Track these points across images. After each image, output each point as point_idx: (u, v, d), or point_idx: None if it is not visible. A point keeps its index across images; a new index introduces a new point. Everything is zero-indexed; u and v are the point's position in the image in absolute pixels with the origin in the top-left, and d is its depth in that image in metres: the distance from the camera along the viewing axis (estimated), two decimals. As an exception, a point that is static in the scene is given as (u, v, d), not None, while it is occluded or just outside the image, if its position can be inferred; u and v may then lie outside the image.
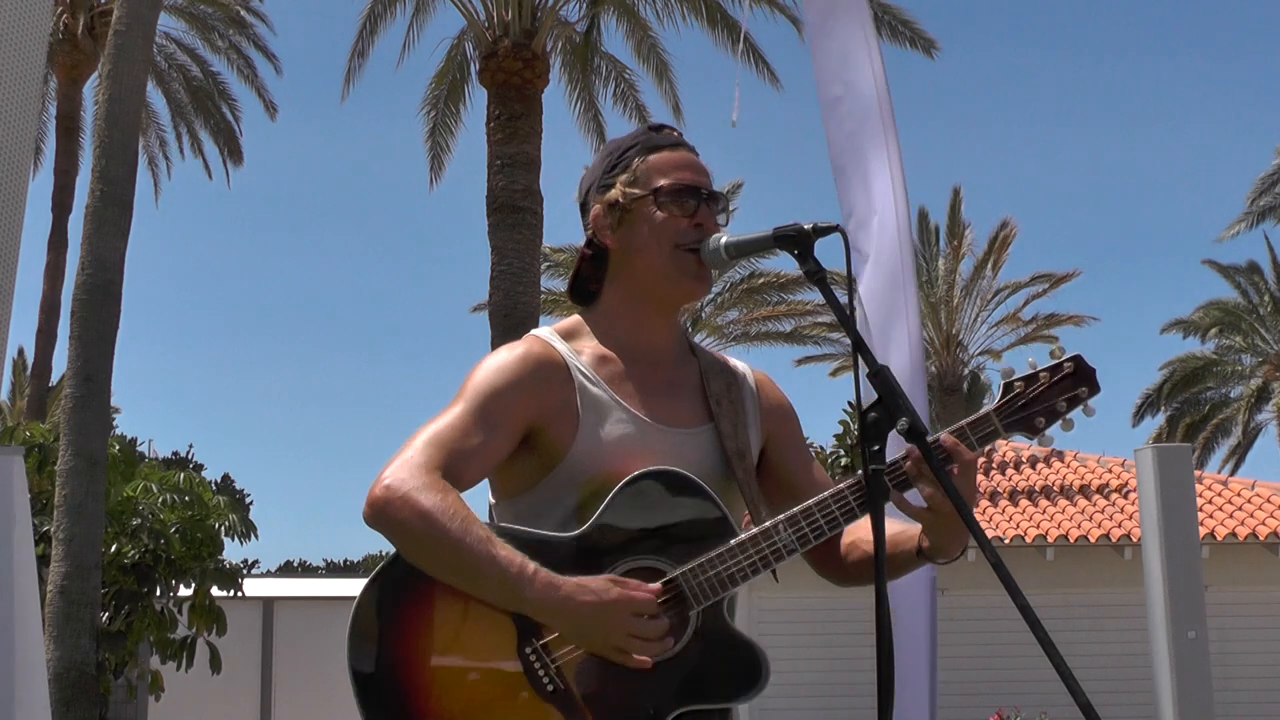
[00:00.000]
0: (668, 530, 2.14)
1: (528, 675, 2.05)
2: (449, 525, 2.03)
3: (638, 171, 2.32)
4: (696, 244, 2.29)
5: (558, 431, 2.21)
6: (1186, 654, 7.37)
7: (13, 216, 4.30)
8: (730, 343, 27.73)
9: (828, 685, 15.41)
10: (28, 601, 4.67)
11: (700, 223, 2.30)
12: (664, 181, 2.31)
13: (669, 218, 2.29)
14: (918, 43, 16.79)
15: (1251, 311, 31.75)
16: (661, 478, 2.16)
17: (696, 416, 2.32)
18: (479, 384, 2.21)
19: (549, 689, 2.05)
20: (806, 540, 2.16)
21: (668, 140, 2.37)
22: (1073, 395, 2.22)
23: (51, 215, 23.09)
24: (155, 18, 14.09)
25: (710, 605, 2.12)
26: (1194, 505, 7.77)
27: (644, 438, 2.24)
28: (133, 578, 14.91)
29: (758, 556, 2.14)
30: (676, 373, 2.37)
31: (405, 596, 2.08)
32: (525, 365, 2.24)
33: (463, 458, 2.13)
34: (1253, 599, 15.46)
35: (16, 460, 4.79)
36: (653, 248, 2.29)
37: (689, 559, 2.12)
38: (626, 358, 2.31)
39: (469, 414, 2.17)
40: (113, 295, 12.84)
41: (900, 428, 2.03)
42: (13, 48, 4.29)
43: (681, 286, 2.31)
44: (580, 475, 2.20)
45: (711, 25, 17.75)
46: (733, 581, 2.12)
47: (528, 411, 2.20)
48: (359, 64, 18.06)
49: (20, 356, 30.93)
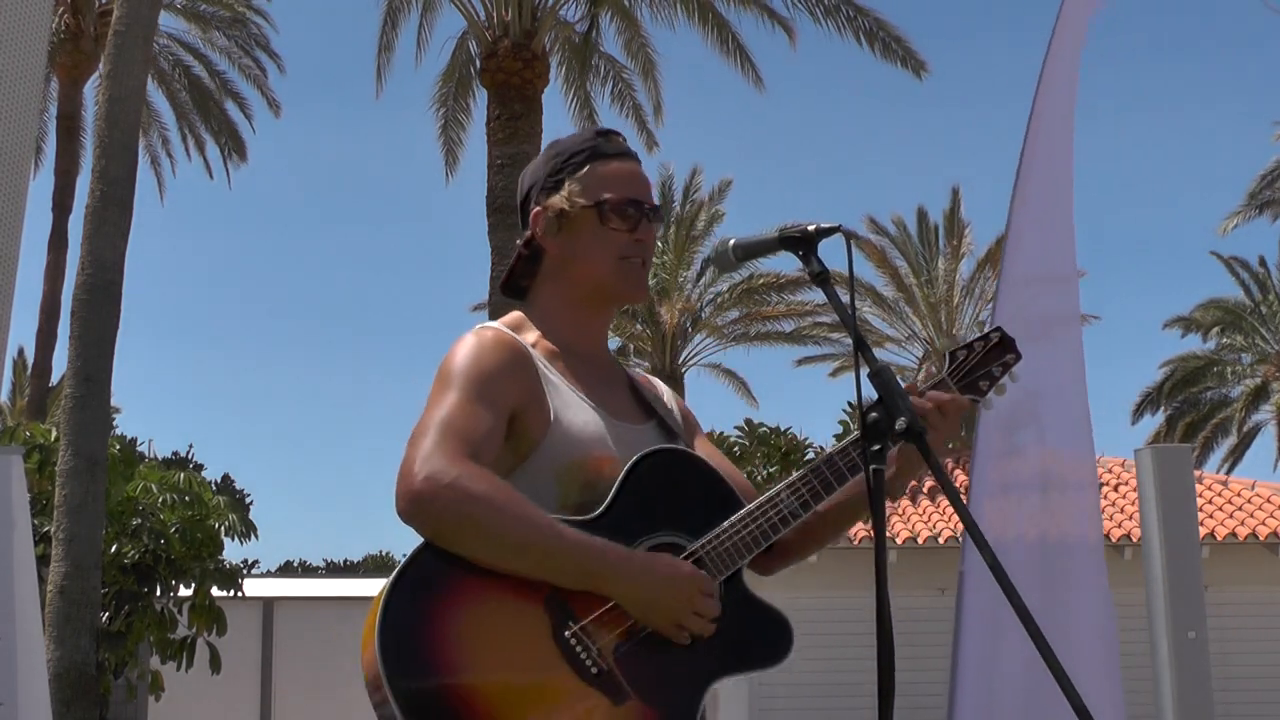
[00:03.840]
0: (682, 506, 2.20)
1: (569, 660, 2.05)
2: (511, 508, 2.05)
3: (584, 179, 2.34)
4: (638, 258, 2.35)
5: (532, 419, 2.23)
6: (1186, 654, 7.36)
7: (13, 216, 4.31)
8: (730, 343, 27.74)
9: (828, 685, 15.41)
10: (28, 601, 4.68)
11: (641, 238, 2.35)
12: (610, 195, 2.33)
13: (612, 230, 2.33)
14: (908, 63, 16.86)
15: (1253, 310, 31.76)
16: (667, 457, 2.24)
17: (640, 413, 2.40)
18: (468, 370, 2.22)
19: (593, 672, 2.06)
20: (808, 504, 2.26)
21: (615, 149, 2.39)
22: (1003, 361, 2.43)
23: (51, 215, 23.12)
24: (155, 17, 14.09)
25: (731, 575, 2.18)
26: (1194, 505, 7.75)
27: (608, 430, 2.29)
28: (133, 578, 14.92)
29: (767, 523, 2.22)
30: (611, 371, 2.44)
31: (433, 593, 2.04)
32: (503, 351, 2.26)
33: (480, 444, 2.13)
34: (1253, 599, 15.48)
35: (16, 460, 4.80)
36: (595, 257, 2.33)
37: (704, 533, 2.19)
38: (569, 353, 2.35)
39: (470, 400, 2.17)
40: (113, 295, 12.84)
41: (899, 427, 2.05)
42: (13, 47, 4.29)
43: (621, 294, 2.38)
44: (554, 464, 2.22)
45: (703, 24, 17.80)
46: (747, 549, 2.20)
47: (514, 396, 2.23)
48: (386, 60, 18.16)
49: (20, 356, 30.94)
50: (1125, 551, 15.34)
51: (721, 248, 2.31)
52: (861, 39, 16.77)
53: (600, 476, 2.22)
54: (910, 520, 16.63)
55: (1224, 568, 14.88)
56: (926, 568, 14.81)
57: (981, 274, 28.35)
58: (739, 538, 2.20)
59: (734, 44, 18.16)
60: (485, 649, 2.03)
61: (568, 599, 2.08)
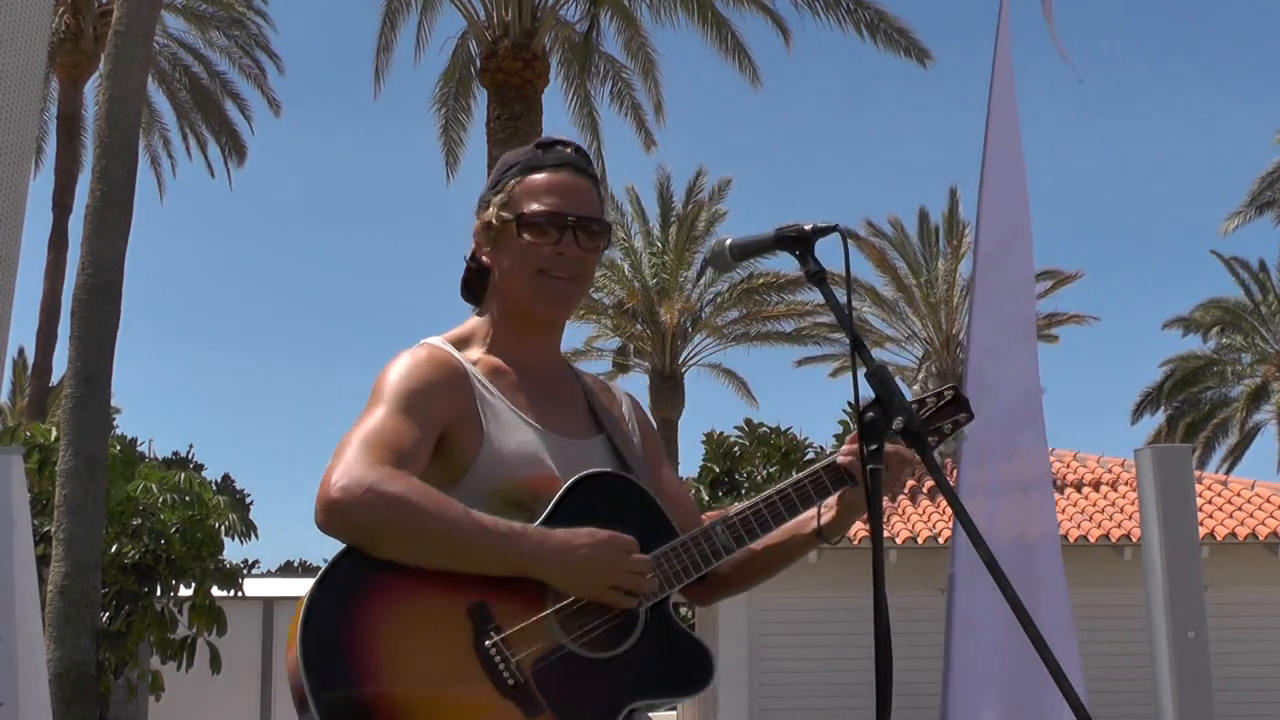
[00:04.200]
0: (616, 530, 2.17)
1: (487, 670, 2.05)
2: (427, 505, 2.05)
3: (512, 193, 2.33)
4: (558, 273, 2.31)
5: (464, 439, 2.22)
6: (1186, 654, 7.36)
7: (13, 216, 4.31)
8: (730, 343, 27.75)
9: (828, 685, 15.41)
10: (28, 601, 4.68)
11: (562, 251, 2.30)
12: (529, 208, 2.31)
13: (531, 244, 2.30)
14: (912, 52, 16.84)
15: (1253, 310, 31.74)
16: (605, 480, 2.23)
17: (587, 428, 2.38)
18: (397, 386, 2.21)
19: (509, 683, 2.05)
20: (742, 539, 2.26)
21: (551, 160, 2.35)
22: (954, 419, 2.45)
23: (51, 215, 23.12)
24: (155, 17, 14.10)
25: (657, 603, 2.17)
26: (1194, 505, 7.74)
27: (544, 446, 2.27)
28: (133, 578, 14.92)
29: (699, 554, 2.23)
30: (562, 386, 2.41)
31: (355, 599, 2.05)
32: (436, 368, 2.25)
33: (402, 457, 2.13)
34: (1253, 599, 15.47)
35: (16, 460, 4.79)
36: (514, 271, 2.32)
37: None
38: (515, 368, 2.34)
39: (397, 415, 2.17)
40: (113, 295, 12.84)
41: (896, 426, 2.05)
42: (13, 47, 4.29)
43: (538, 309, 2.34)
44: (486, 484, 2.21)
45: (702, 23, 17.81)
46: (676, 579, 2.20)
47: (444, 414, 2.22)
48: (385, 60, 18.18)
49: (20, 356, 30.94)
50: (1125, 551, 15.33)
51: (718, 248, 2.31)
52: (863, 31, 16.76)
53: (533, 496, 2.21)
54: (910, 520, 16.63)
55: (1224, 568, 14.87)
56: (926, 568, 14.80)
57: (982, 274, 28.31)
58: (669, 567, 2.19)
59: (733, 43, 18.19)
60: (404, 657, 2.03)
61: (492, 609, 2.08)
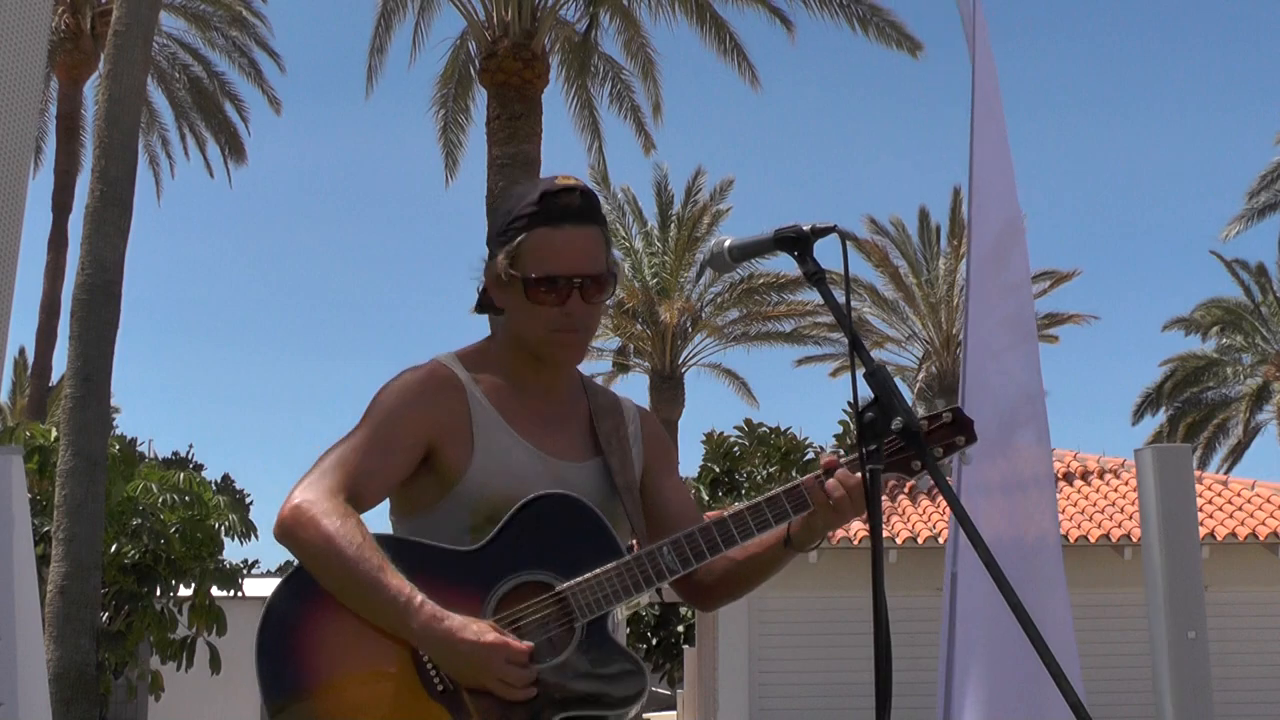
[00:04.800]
0: (560, 548, 2.26)
1: (419, 675, 2.17)
2: (346, 550, 2.16)
3: (519, 248, 2.34)
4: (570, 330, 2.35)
5: (454, 455, 2.32)
6: (1186, 654, 7.36)
7: (13, 216, 4.30)
8: (730, 343, 27.75)
9: (828, 685, 15.41)
10: (28, 601, 4.68)
11: (571, 311, 2.34)
12: (536, 272, 2.33)
13: (538, 306, 2.34)
14: (903, 44, 17.06)
15: (1253, 310, 31.73)
16: (556, 500, 2.29)
17: (585, 450, 2.44)
18: (381, 407, 2.32)
19: (439, 689, 2.16)
20: (688, 561, 2.30)
21: (557, 212, 2.34)
22: (950, 442, 2.40)
23: (51, 215, 23.14)
24: (155, 17, 14.11)
25: (595, 619, 2.24)
26: (1194, 506, 7.74)
27: (534, 466, 2.36)
28: (133, 578, 14.92)
29: (641, 575, 2.28)
30: (567, 408, 2.47)
31: (311, 596, 2.20)
32: (425, 387, 2.35)
33: (363, 479, 2.26)
34: (1253, 599, 15.47)
35: (16, 460, 4.79)
36: (526, 326, 2.37)
37: (577, 575, 2.25)
38: (520, 389, 2.42)
39: (370, 437, 2.29)
40: (113, 295, 12.85)
41: (895, 426, 2.05)
42: (13, 47, 4.29)
43: (553, 361, 2.41)
44: (473, 499, 2.31)
45: (701, 24, 17.84)
46: (616, 597, 2.26)
47: (425, 432, 2.31)
48: (379, 61, 18.17)
49: (20, 356, 30.95)
50: (1125, 551, 15.34)
51: (717, 249, 2.32)
52: (855, 24, 16.94)
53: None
54: (910, 520, 16.63)
55: (1224, 568, 14.87)
56: (926, 568, 14.81)
57: (982, 274, 28.31)
58: (611, 585, 2.25)
59: (731, 43, 18.20)
60: (346, 648, 2.18)
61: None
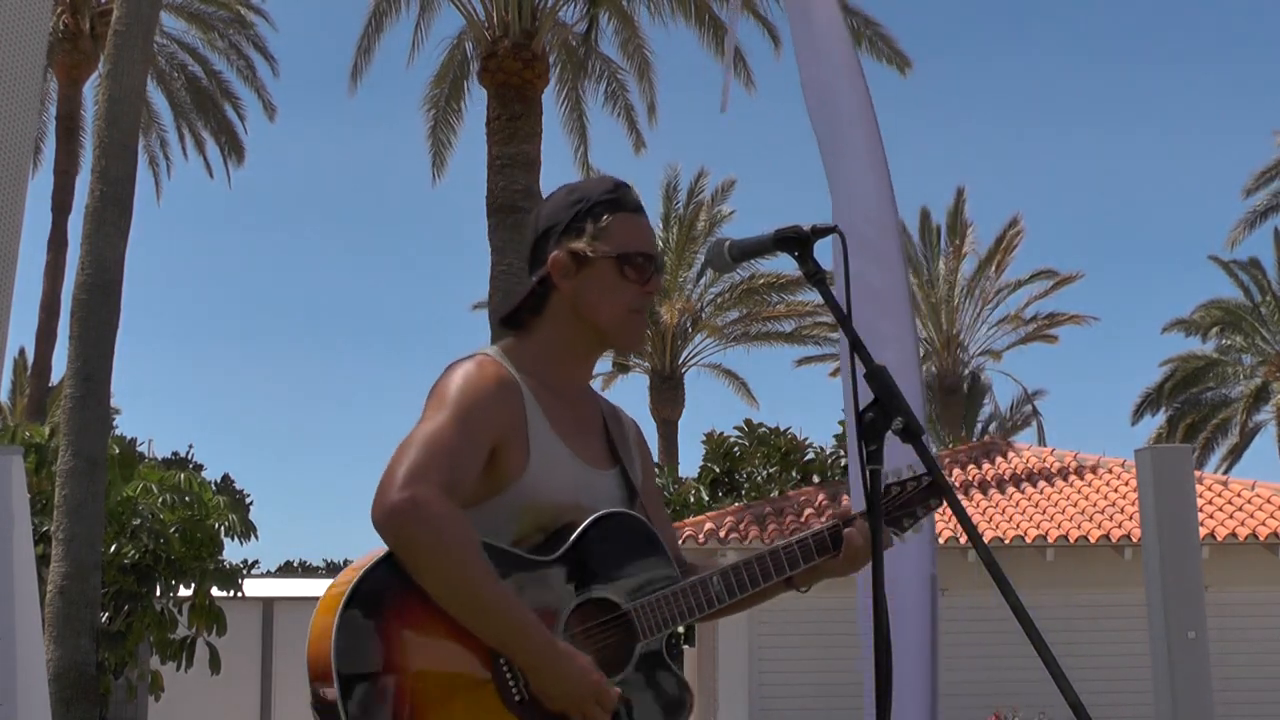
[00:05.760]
0: (623, 567, 2.34)
1: (497, 683, 2.17)
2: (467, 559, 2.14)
3: (607, 228, 2.41)
4: (642, 308, 2.47)
5: (511, 458, 2.33)
6: (1186, 654, 7.37)
7: (13, 216, 4.30)
8: (730, 343, 27.76)
9: (827, 685, 15.40)
10: (27, 601, 4.68)
11: (649, 290, 2.45)
12: (630, 249, 2.42)
13: (628, 282, 2.42)
14: (893, 60, 17.25)
15: (1252, 311, 31.73)
16: (621, 519, 2.37)
17: (608, 458, 2.50)
18: (464, 399, 2.30)
19: (516, 699, 2.18)
20: (733, 591, 2.41)
21: (632, 203, 2.47)
22: (927, 504, 2.60)
23: (51, 215, 23.11)
24: (155, 17, 14.11)
25: (652, 640, 2.32)
26: (1194, 506, 7.77)
27: (577, 475, 2.40)
28: (133, 578, 14.91)
29: (695, 601, 2.38)
30: (587, 411, 2.53)
31: (390, 600, 2.17)
32: (500, 387, 2.35)
33: (461, 472, 2.23)
34: (1253, 599, 15.46)
35: (16, 460, 4.79)
36: (606, 307, 2.42)
37: (638, 596, 2.34)
38: (556, 393, 2.44)
39: (462, 428, 2.26)
40: (113, 295, 12.85)
41: (895, 427, 2.05)
42: (13, 47, 4.29)
43: (623, 344, 2.49)
44: (522, 504, 2.33)
45: (699, 25, 17.84)
46: (674, 620, 2.35)
47: (496, 433, 2.31)
48: (364, 61, 18.14)
49: (20, 356, 30.93)
50: (1125, 551, 15.34)
51: (717, 248, 2.33)
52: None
53: (557, 521, 2.34)
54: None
55: (1224, 568, 14.86)
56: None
57: (982, 274, 28.36)
58: (671, 609, 2.35)
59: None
60: (425, 663, 2.16)
61: None
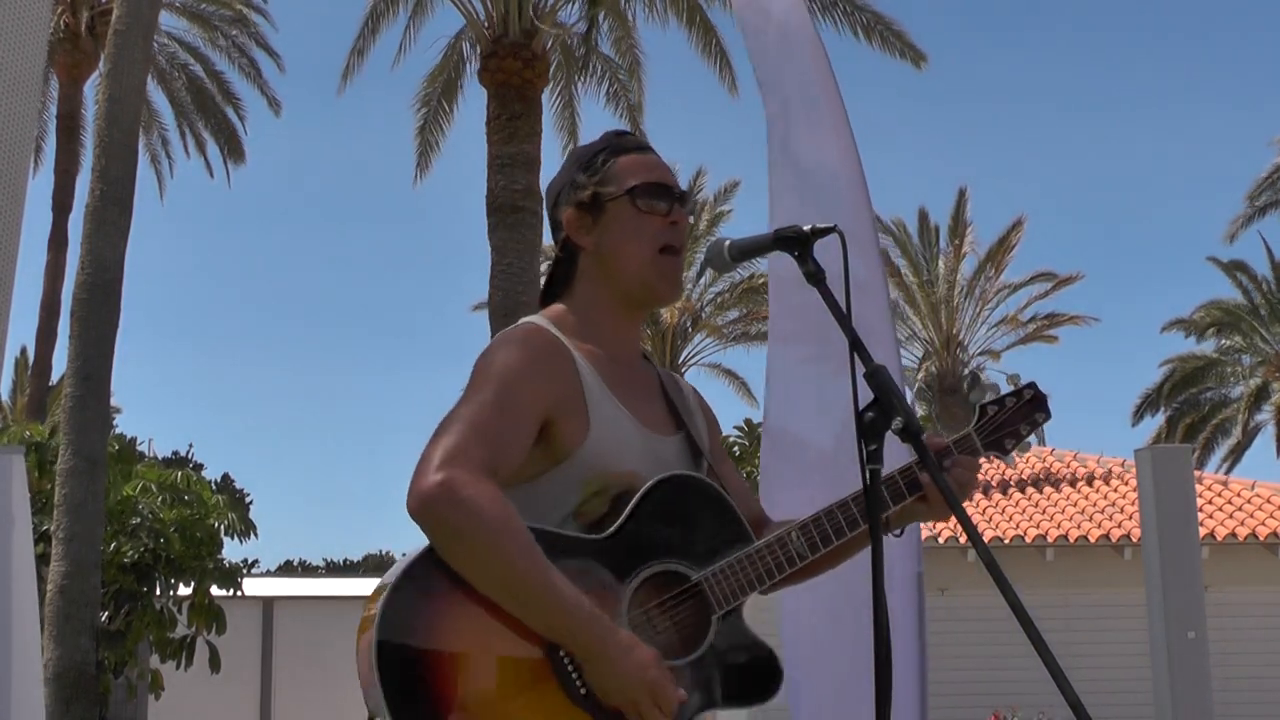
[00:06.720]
0: (689, 536, 2.18)
1: (559, 677, 2.04)
2: (512, 544, 2.00)
3: (609, 172, 2.33)
4: (676, 245, 2.32)
5: (569, 427, 2.19)
6: (1186, 654, 7.37)
7: (13, 216, 4.30)
8: (730, 343, 27.75)
9: (827, 685, 15.38)
10: (26, 601, 4.67)
11: (675, 220, 2.32)
12: (638, 180, 2.31)
13: (646, 216, 2.30)
14: (906, 54, 17.08)
15: (1252, 311, 31.71)
16: (681, 483, 2.21)
17: (669, 423, 2.37)
18: (505, 373, 2.16)
19: (581, 692, 2.04)
20: (815, 546, 2.25)
21: (634, 144, 2.39)
22: (1032, 420, 2.45)
23: (51, 215, 23.11)
24: (155, 17, 14.10)
25: (729, 610, 2.17)
26: (1194, 506, 7.76)
27: (639, 442, 2.26)
28: (132, 577, 14.90)
29: (773, 561, 2.22)
30: (644, 376, 2.40)
31: (440, 588, 2.03)
32: (547, 356, 2.21)
33: (503, 451, 2.10)
34: (1253, 599, 15.46)
35: (16, 460, 4.79)
36: (632, 249, 2.30)
37: (709, 564, 2.18)
38: (608, 357, 2.30)
39: (503, 404, 2.12)
40: (113, 295, 12.84)
41: (895, 427, 2.04)
42: (13, 46, 4.28)
43: (658, 291, 2.33)
44: (585, 474, 2.19)
45: (690, 26, 17.83)
46: (751, 586, 2.19)
47: (546, 403, 2.17)
48: (358, 61, 18.09)
49: (20, 356, 30.93)
50: (1125, 551, 15.34)
51: (717, 248, 2.31)
52: (859, 32, 16.91)
53: (625, 491, 2.19)
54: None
55: (1224, 568, 14.86)
56: (926, 567, 14.79)
57: (982, 274, 28.35)
58: (744, 574, 2.19)
59: (716, 48, 18.17)
60: (479, 658, 2.02)
61: None
